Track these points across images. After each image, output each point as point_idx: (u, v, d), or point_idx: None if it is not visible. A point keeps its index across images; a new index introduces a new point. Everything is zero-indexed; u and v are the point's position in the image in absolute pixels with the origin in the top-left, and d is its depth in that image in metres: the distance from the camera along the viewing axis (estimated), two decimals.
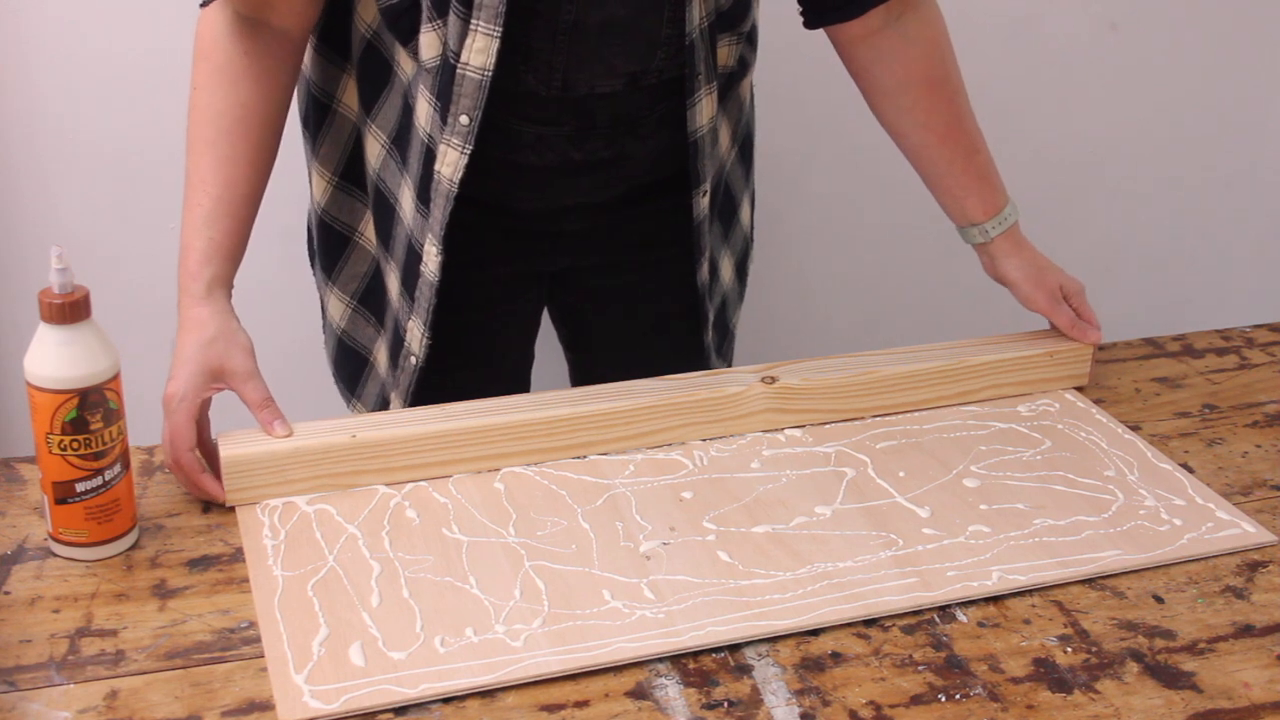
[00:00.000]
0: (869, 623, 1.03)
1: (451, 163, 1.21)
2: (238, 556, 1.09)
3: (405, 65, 1.24)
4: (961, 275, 2.28)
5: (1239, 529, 1.15)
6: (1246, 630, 1.04)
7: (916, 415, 1.31)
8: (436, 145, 1.22)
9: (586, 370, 1.52)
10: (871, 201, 2.23)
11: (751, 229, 1.52)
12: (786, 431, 1.27)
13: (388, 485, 1.17)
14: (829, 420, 1.29)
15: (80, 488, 1.06)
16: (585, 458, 1.22)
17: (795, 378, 1.28)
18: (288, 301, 1.95)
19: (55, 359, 1.03)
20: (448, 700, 0.94)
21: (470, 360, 1.42)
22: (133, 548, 1.10)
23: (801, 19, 1.34)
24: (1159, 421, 1.34)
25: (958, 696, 0.96)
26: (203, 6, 1.20)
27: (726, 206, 1.44)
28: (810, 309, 2.27)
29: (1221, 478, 1.24)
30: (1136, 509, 1.17)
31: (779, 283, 2.22)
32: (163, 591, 1.05)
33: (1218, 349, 1.49)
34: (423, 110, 1.23)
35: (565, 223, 1.37)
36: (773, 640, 1.01)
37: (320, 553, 1.08)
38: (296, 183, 1.50)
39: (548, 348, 1.58)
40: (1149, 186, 2.34)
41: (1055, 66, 2.19)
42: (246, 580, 1.06)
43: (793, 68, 2.01)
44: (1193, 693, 0.97)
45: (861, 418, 1.30)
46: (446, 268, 1.27)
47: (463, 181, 1.23)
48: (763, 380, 1.27)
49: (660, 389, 1.25)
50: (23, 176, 1.84)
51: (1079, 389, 1.38)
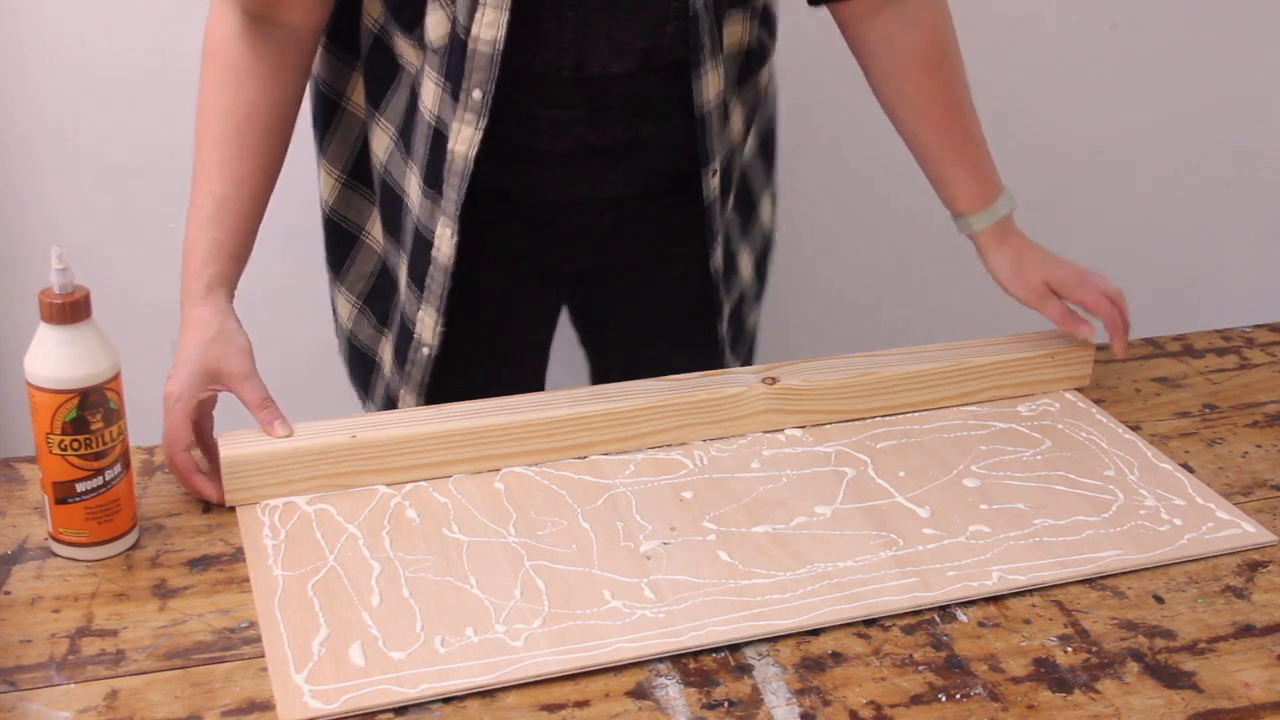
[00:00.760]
0: (869, 623, 1.03)
1: (466, 139, 1.20)
2: (238, 556, 1.09)
3: (410, 55, 1.24)
4: (963, 276, 2.29)
5: (1239, 529, 1.15)
6: (1246, 630, 1.04)
7: (917, 415, 1.31)
8: (447, 126, 1.22)
9: (606, 370, 1.51)
10: (872, 202, 2.23)
11: (773, 229, 1.51)
12: (787, 431, 1.27)
13: (388, 485, 1.17)
14: (830, 421, 1.29)
15: (80, 488, 1.06)
16: (586, 458, 1.22)
17: (796, 378, 1.28)
18: (291, 302, 1.95)
19: (55, 359, 1.03)
20: (448, 700, 0.94)
21: (487, 359, 1.41)
22: (133, 548, 1.10)
23: None
24: (1159, 421, 1.34)
25: (958, 696, 0.96)
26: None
27: (744, 200, 1.43)
28: (811, 310, 2.27)
29: (1221, 478, 1.24)
30: (1137, 509, 1.17)
31: (779, 283, 2.22)
32: (163, 591, 1.05)
33: (1218, 349, 1.49)
34: (429, 93, 1.22)
35: (585, 218, 1.36)
36: (773, 640, 1.01)
37: (320, 553, 1.08)
38: (302, 183, 1.50)
39: (564, 348, 1.58)
40: (1149, 186, 2.34)
41: (1055, 66, 2.19)
42: (247, 580, 1.06)
43: (793, 66, 2.01)
44: (1193, 693, 0.97)
45: (862, 418, 1.30)
46: (466, 265, 1.27)
47: (482, 172, 1.22)
48: (763, 381, 1.27)
49: (661, 389, 1.25)
50: (23, 176, 1.84)
51: (1079, 389, 1.38)
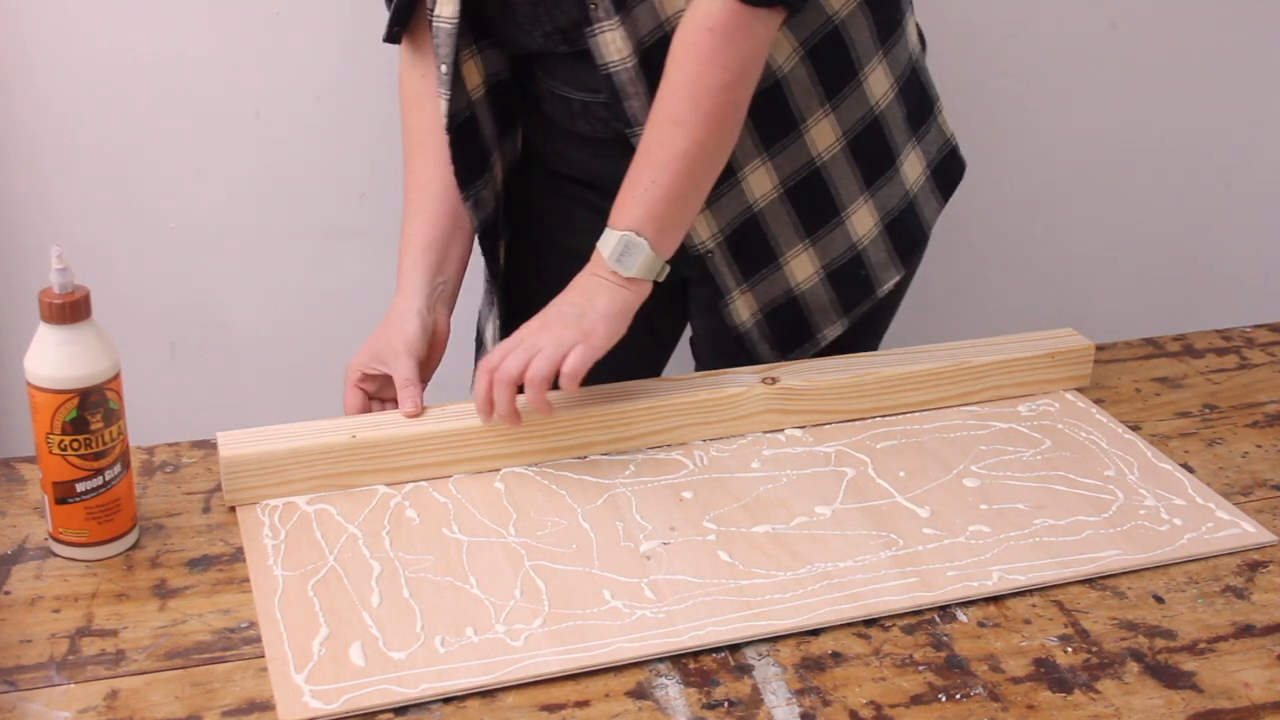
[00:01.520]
0: (869, 623, 1.03)
1: (442, 111, 1.32)
2: (238, 556, 1.09)
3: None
4: (963, 276, 2.29)
5: (1239, 529, 1.15)
6: (1246, 630, 1.04)
7: (917, 415, 1.31)
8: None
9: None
10: None
11: (887, 251, 1.41)
12: (787, 431, 1.27)
13: (388, 485, 1.17)
14: (830, 421, 1.29)
15: (80, 488, 1.06)
16: (586, 458, 1.22)
17: (796, 378, 1.28)
18: (291, 301, 1.95)
19: (55, 359, 1.03)
20: (448, 700, 0.94)
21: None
22: (133, 548, 1.10)
23: None
24: (1159, 421, 1.34)
25: (958, 696, 0.96)
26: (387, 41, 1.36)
27: (813, 198, 1.35)
28: None
29: (1221, 478, 1.24)
30: (1136, 509, 1.17)
31: None
32: (163, 591, 1.05)
33: (1218, 349, 1.49)
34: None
35: None
36: (773, 640, 1.01)
37: (320, 553, 1.08)
38: (302, 186, 1.50)
39: None
40: (1149, 186, 2.34)
41: (1055, 66, 2.19)
42: (247, 580, 1.06)
43: None
44: (1193, 693, 0.97)
45: (862, 418, 1.30)
46: (552, 240, 1.42)
47: (566, 160, 1.38)
48: (763, 381, 1.27)
49: (661, 389, 1.25)
50: (23, 176, 1.84)
51: (1079, 389, 1.38)
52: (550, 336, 1.18)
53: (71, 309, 1.03)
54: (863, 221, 1.37)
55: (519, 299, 1.45)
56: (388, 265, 1.39)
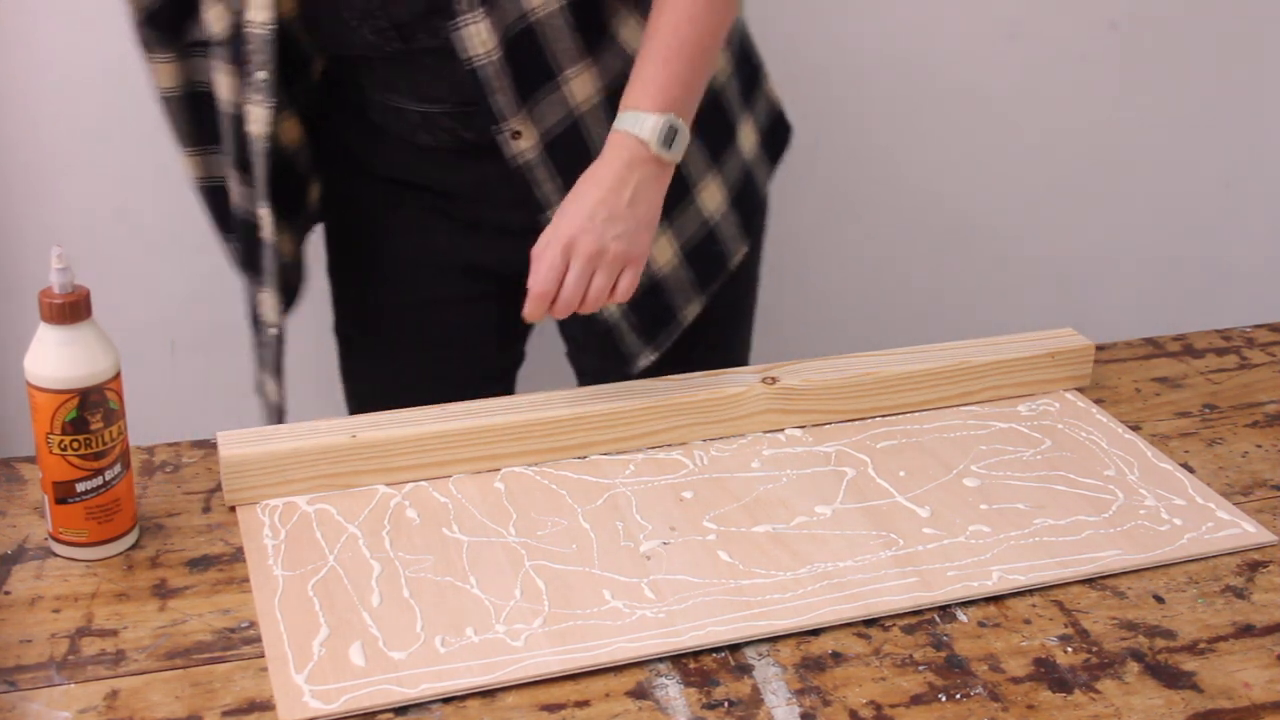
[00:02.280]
0: (869, 622, 1.03)
1: (259, 119, 1.25)
2: (238, 556, 1.09)
3: (165, 75, 1.31)
4: (962, 275, 2.29)
5: (1239, 529, 1.15)
6: (1246, 630, 1.04)
7: (917, 415, 1.31)
8: (243, 109, 1.25)
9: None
10: (873, 202, 2.23)
11: (737, 224, 1.42)
12: (787, 431, 1.27)
13: (388, 485, 1.17)
14: (830, 421, 1.29)
15: (80, 488, 1.06)
16: (586, 458, 1.22)
17: (796, 378, 1.28)
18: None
19: (55, 359, 1.03)
20: (448, 700, 0.94)
21: (420, 337, 1.44)
22: (133, 548, 1.10)
23: None
24: (1159, 421, 1.34)
25: (958, 696, 0.96)
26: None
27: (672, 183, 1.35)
28: (811, 309, 2.27)
29: (1221, 478, 1.24)
30: (1136, 509, 1.17)
31: (780, 283, 2.22)
32: (163, 591, 1.05)
33: (1218, 349, 1.49)
34: (223, 84, 1.26)
35: (499, 222, 1.36)
36: (773, 640, 1.01)
37: (320, 552, 1.08)
38: None
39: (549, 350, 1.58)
40: (1148, 186, 2.34)
41: (1055, 66, 2.19)
42: (247, 580, 1.06)
43: (794, 68, 2.01)
44: (1193, 693, 0.97)
45: (862, 418, 1.30)
46: (395, 256, 1.33)
47: (392, 163, 1.31)
48: (763, 381, 1.27)
49: (661, 389, 1.25)
50: (23, 176, 1.84)
51: (1079, 389, 1.38)
52: (603, 254, 1.15)
53: (71, 309, 1.03)
54: (712, 197, 1.38)
55: (351, 300, 1.46)
56: None
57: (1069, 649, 1.01)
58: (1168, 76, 2.26)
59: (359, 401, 1.52)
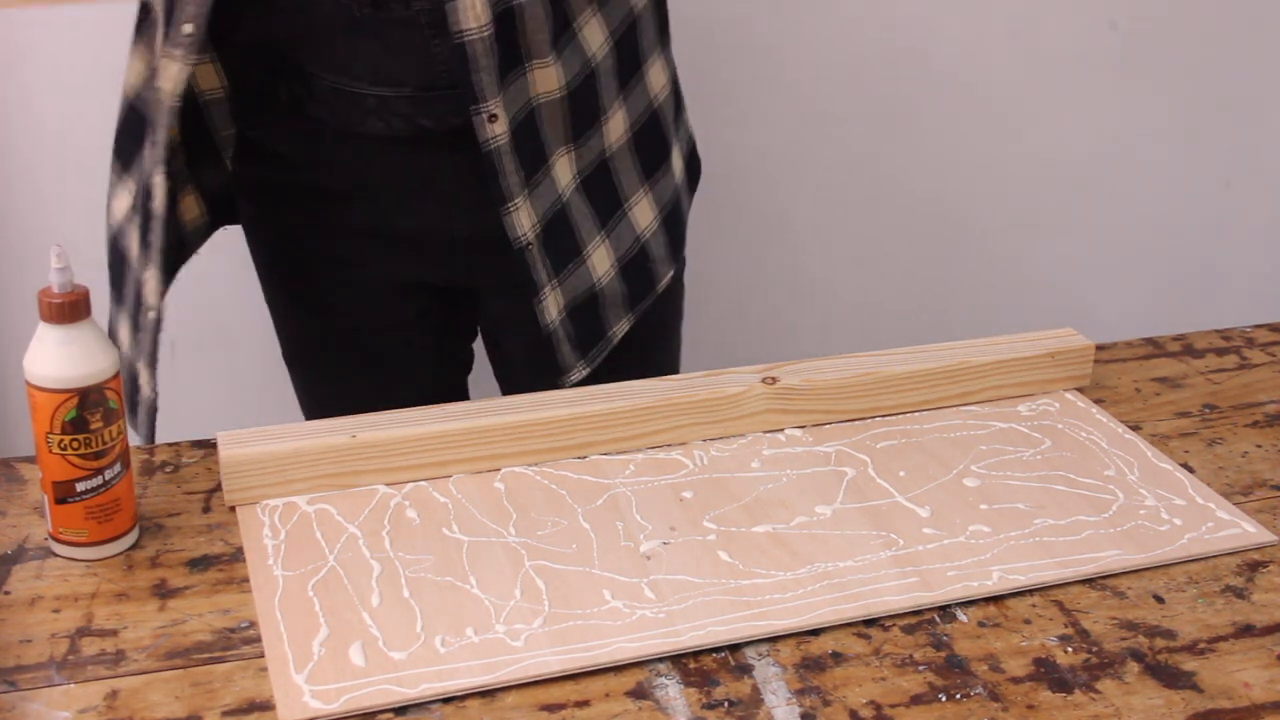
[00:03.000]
0: (869, 622, 1.03)
1: (172, 76, 1.18)
2: (238, 556, 1.09)
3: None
4: (962, 275, 2.29)
5: (1239, 529, 1.15)
6: (1247, 630, 1.04)
7: (917, 415, 1.31)
8: (158, 63, 1.20)
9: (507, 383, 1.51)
10: (873, 202, 2.23)
11: (665, 245, 1.41)
12: (787, 431, 1.27)
13: (388, 485, 1.17)
14: (830, 421, 1.29)
15: (80, 487, 1.06)
16: (586, 458, 1.22)
17: (796, 378, 1.28)
18: None
19: (55, 359, 1.03)
20: (448, 700, 0.94)
21: (363, 366, 1.43)
22: (133, 547, 1.10)
23: None
24: (1159, 421, 1.34)
25: (958, 696, 0.96)
26: None
27: (603, 189, 1.36)
28: (811, 309, 2.27)
29: (1222, 478, 1.24)
30: (1137, 509, 1.17)
31: (780, 283, 2.22)
32: (163, 591, 1.05)
33: (1218, 349, 1.49)
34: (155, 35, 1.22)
35: (448, 227, 1.35)
36: (773, 640, 1.01)
37: (320, 552, 1.08)
38: None
39: None
40: (1149, 186, 2.34)
41: (1055, 66, 2.19)
42: (246, 580, 1.06)
43: (794, 67, 2.01)
44: (1193, 693, 0.97)
45: (862, 418, 1.30)
46: (329, 270, 1.31)
47: (330, 177, 1.26)
48: (763, 380, 1.27)
49: (660, 389, 1.25)
50: (23, 176, 1.84)
51: (1079, 389, 1.38)
52: None
53: (71, 309, 1.03)
54: (644, 214, 1.39)
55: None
56: None
57: (1069, 649, 1.01)
58: (1168, 76, 2.26)
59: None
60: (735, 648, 1.00)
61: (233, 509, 1.14)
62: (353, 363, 1.47)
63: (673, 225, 1.44)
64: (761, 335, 1.61)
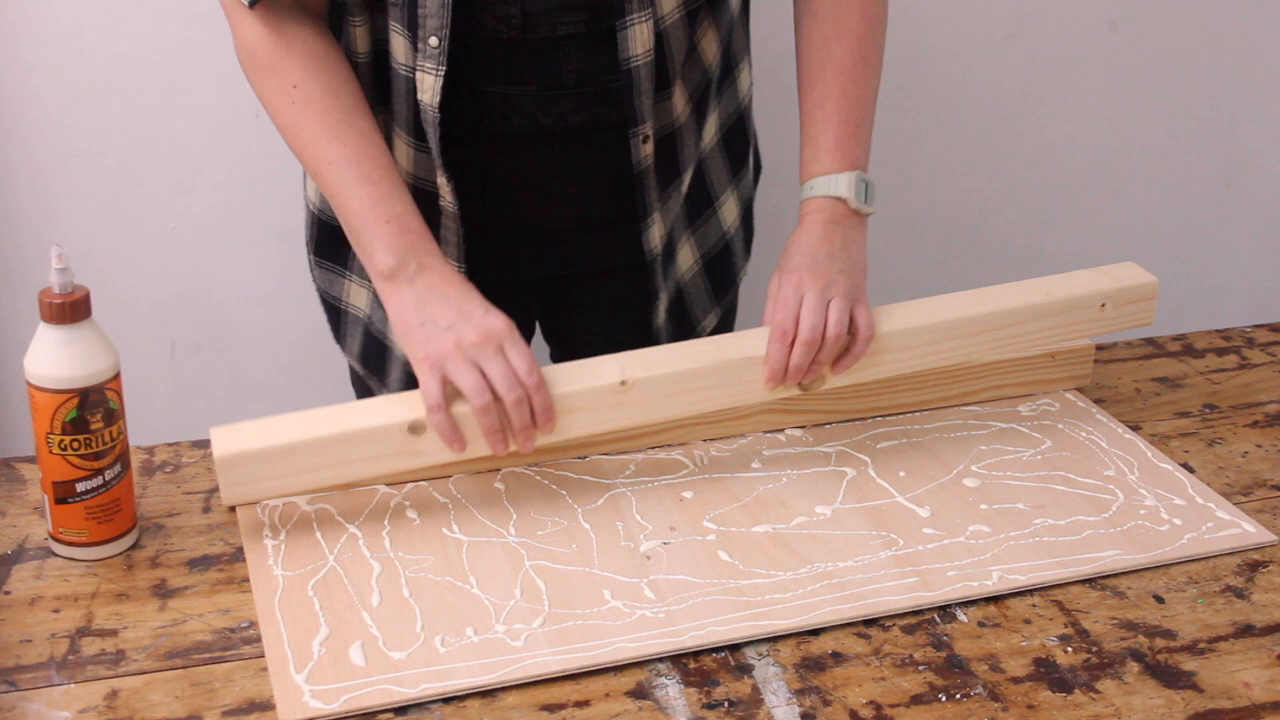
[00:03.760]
0: (869, 622, 1.03)
1: (429, 88, 1.21)
2: (238, 556, 1.09)
3: (360, 38, 1.24)
4: (961, 275, 2.29)
5: (1239, 529, 1.15)
6: (1246, 630, 1.04)
7: (917, 415, 1.31)
8: (414, 74, 1.22)
9: None
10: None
11: (743, 240, 1.46)
12: (787, 431, 1.27)
13: (388, 485, 1.17)
14: (830, 421, 1.29)
15: (80, 487, 1.06)
16: (586, 458, 1.22)
17: None
18: (291, 301, 1.95)
19: (55, 359, 1.03)
20: (448, 700, 0.94)
21: None
22: (133, 547, 1.10)
23: None
24: (1159, 421, 1.34)
25: (958, 696, 0.96)
26: (251, 7, 1.18)
27: (698, 192, 1.39)
28: None
29: (1221, 478, 1.24)
30: (1136, 509, 1.17)
31: None
32: (163, 591, 1.05)
33: (1218, 349, 1.49)
34: (398, 45, 1.23)
35: (545, 221, 1.36)
36: (773, 640, 1.01)
37: (320, 552, 1.08)
38: (298, 184, 1.50)
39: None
40: (1149, 186, 2.34)
41: (1055, 66, 2.19)
42: (246, 580, 1.06)
43: (793, 68, 2.01)
44: (1193, 692, 0.97)
45: (863, 418, 1.30)
46: None
47: (447, 156, 1.25)
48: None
49: None
50: (23, 176, 1.84)
51: (1079, 389, 1.38)
52: (833, 284, 1.19)
53: (71, 309, 1.03)
54: (730, 211, 1.42)
55: None
56: None
57: (1069, 649, 1.01)
58: (1168, 76, 2.26)
59: None
60: (735, 648, 1.00)
61: (232, 509, 1.14)
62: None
63: (748, 220, 1.47)
64: None
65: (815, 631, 1.02)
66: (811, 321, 1.17)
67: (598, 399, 1.14)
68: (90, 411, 1.04)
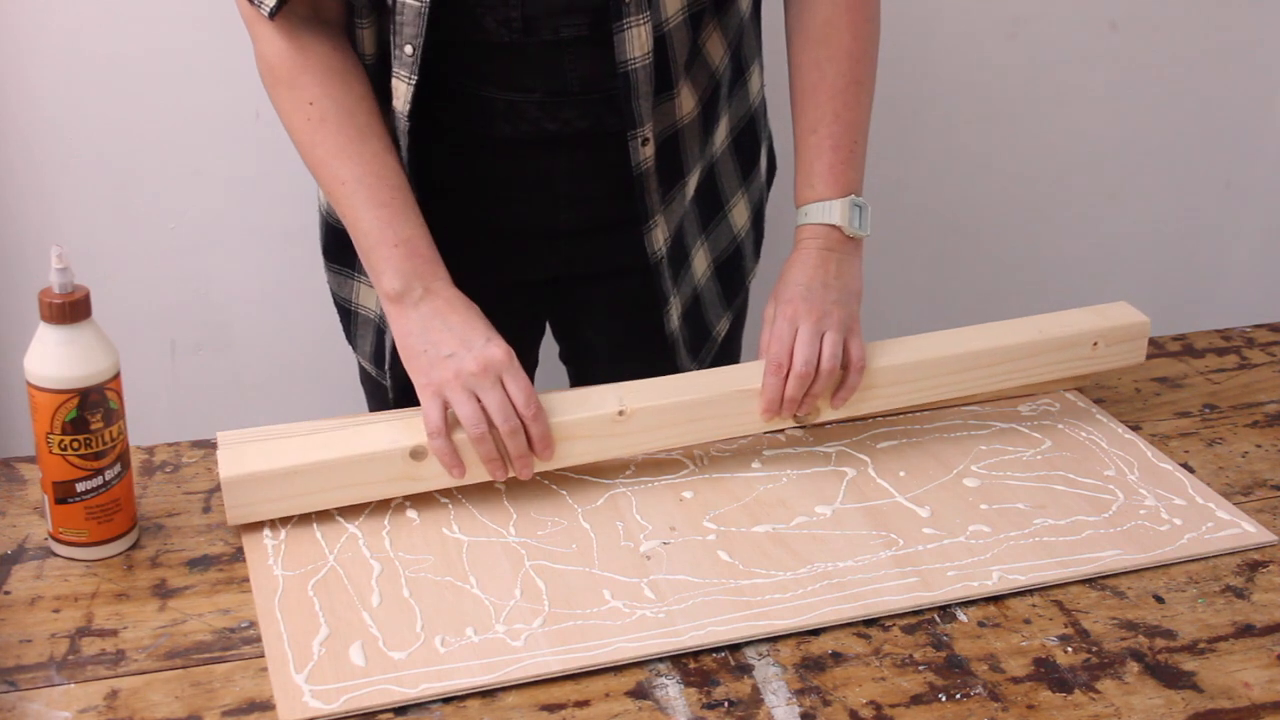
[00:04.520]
0: (869, 622, 1.03)
1: (401, 95, 1.21)
2: (238, 556, 1.09)
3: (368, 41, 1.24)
4: (961, 276, 2.29)
5: (1239, 529, 1.15)
6: (1246, 630, 1.04)
7: (917, 415, 1.31)
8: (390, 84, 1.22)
9: (586, 382, 1.50)
10: (872, 202, 2.23)
11: (753, 243, 1.46)
12: (787, 431, 1.27)
13: None
14: (830, 421, 1.29)
15: (80, 487, 1.06)
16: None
17: None
18: (291, 301, 1.95)
19: (55, 359, 1.03)
20: (448, 700, 0.94)
21: None
22: (133, 547, 1.10)
23: None
24: (1159, 421, 1.34)
25: (958, 696, 0.96)
26: (271, 18, 1.18)
27: (709, 196, 1.39)
28: None
29: (1221, 478, 1.24)
30: (1136, 509, 1.17)
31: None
32: (163, 591, 1.05)
33: (1218, 349, 1.49)
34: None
35: (546, 218, 1.35)
36: (773, 640, 1.01)
37: (320, 552, 1.08)
38: (300, 183, 1.50)
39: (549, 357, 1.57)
40: (1149, 186, 2.34)
41: (1055, 66, 2.19)
42: (246, 580, 1.06)
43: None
44: (1193, 692, 0.97)
45: (863, 418, 1.30)
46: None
47: (444, 173, 1.25)
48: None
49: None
50: (23, 176, 1.84)
51: (1079, 389, 1.38)
52: (827, 315, 1.20)
53: (71, 309, 1.03)
54: (740, 215, 1.42)
55: None
56: None
57: (1069, 649, 1.01)
58: (1168, 76, 2.26)
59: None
60: (735, 648, 1.00)
61: None
62: None
63: (759, 222, 1.47)
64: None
65: (815, 631, 1.02)
66: (805, 355, 1.19)
67: (596, 428, 1.16)
68: (90, 411, 1.04)
